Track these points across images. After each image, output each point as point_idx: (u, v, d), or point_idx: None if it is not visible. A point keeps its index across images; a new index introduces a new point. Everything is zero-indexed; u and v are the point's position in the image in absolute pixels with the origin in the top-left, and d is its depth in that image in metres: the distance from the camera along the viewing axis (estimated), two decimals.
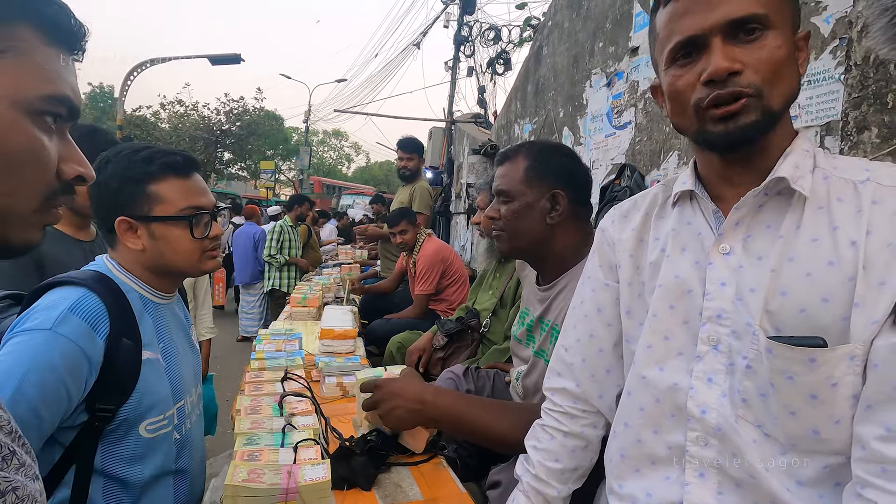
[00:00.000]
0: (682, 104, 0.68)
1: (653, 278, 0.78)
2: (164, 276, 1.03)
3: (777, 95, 0.64)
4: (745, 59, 0.63)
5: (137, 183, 0.97)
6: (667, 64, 0.69)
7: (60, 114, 0.48)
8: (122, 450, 0.91)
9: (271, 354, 1.68)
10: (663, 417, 0.74)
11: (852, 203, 0.63)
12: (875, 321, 0.58)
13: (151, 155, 0.98)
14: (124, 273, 0.99)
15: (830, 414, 0.61)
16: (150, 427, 0.93)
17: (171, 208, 0.98)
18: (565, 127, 3.45)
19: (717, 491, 0.68)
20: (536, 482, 0.89)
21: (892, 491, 0.56)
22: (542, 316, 1.22)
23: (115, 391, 0.88)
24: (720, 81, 0.63)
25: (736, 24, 0.62)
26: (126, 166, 0.97)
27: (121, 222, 0.97)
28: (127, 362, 0.89)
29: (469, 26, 9.31)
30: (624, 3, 2.83)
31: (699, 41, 0.65)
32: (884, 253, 0.59)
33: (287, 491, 0.86)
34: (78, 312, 0.85)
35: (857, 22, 1.41)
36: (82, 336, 0.84)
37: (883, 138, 1.35)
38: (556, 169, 1.20)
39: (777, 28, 0.63)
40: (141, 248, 0.98)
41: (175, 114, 18.27)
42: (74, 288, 0.89)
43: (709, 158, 0.73)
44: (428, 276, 3.04)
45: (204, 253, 1.03)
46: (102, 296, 0.89)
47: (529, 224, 1.18)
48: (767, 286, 0.65)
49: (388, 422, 1.11)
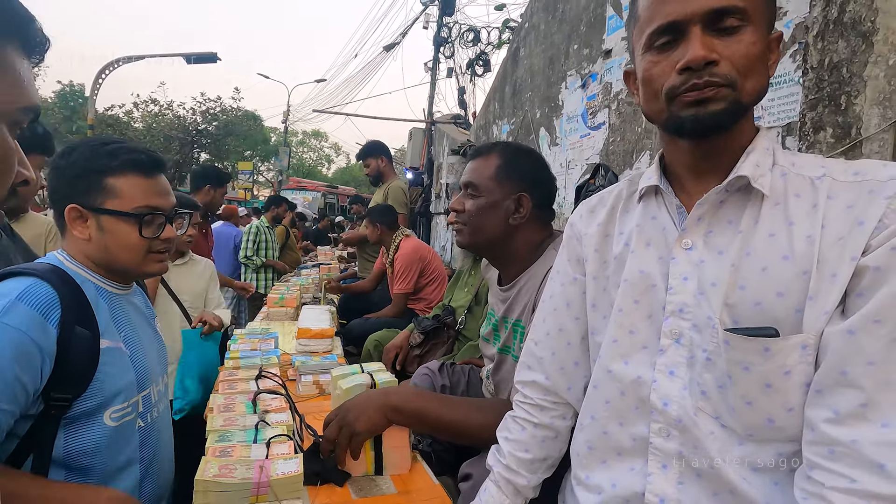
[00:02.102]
0: (655, 90, 0.70)
1: (617, 272, 0.80)
2: (109, 271, 1.02)
3: (748, 89, 0.66)
4: (722, 50, 0.64)
5: (96, 174, 0.97)
6: (644, 48, 0.70)
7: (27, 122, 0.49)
8: (85, 439, 0.89)
9: (246, 353, 1.67)
10: (628, 410, 0.76)
11: (809, 199, 0.65)
12: (826, 311, 0.61)
13: (117, 150, 0.98)
14: (75, 264, 0.98)
15: (784, 402, 0.64)
16: (114, 415, 0.92)
17: (124, 204, 0.98)
18: (542, 127, 3.50)
19: (677, 481, 0.70)
20: (507, 472, 0.91)
21: (838, 472, 0.58)
22: (505, 315, 1.24)
23: (71, 381, 0.86)
24: (696, 70, 0.64)
25: (717, 13, 0.64)
26: (89, 156, 0.97)
27: (71, 209, 0.96)
28: (83, 351, 0.88)
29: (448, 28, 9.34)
30: (597, 6, 2.89)
31: (679, 27, 0.66)
32: (836, 246, 0.61)
33: (259, 485, 0.86)
34: (26, 301, 0.83)
35: (812, 27, 1.48)
36: (32, 325, 0.82)
37: (837, 138, 1.41)
38: (525, 172, 1.23)
39: (754, 24, 0.65)
40: (87, 237, 0.98)
41: (149, 113, 17.87)
42: (23, 278, 0.87)
43: (677, 148, 0.74)
44: (406, 275, 3.05)
45: (150, 254, 1.02)
46: (54, 284, 0.87)
47: (493, 222, 1.20)
48: (727, 280, 0.67)
49: (360, 426, 1.08)
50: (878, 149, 1.31)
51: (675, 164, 0.77)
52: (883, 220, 0.59)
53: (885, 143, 1.30)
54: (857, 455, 0.57)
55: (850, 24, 1.36)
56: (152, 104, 17.77)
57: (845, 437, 0.58)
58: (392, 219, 3.32)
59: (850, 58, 1.36)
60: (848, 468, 0.57)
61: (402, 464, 1.14)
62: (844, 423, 0.58)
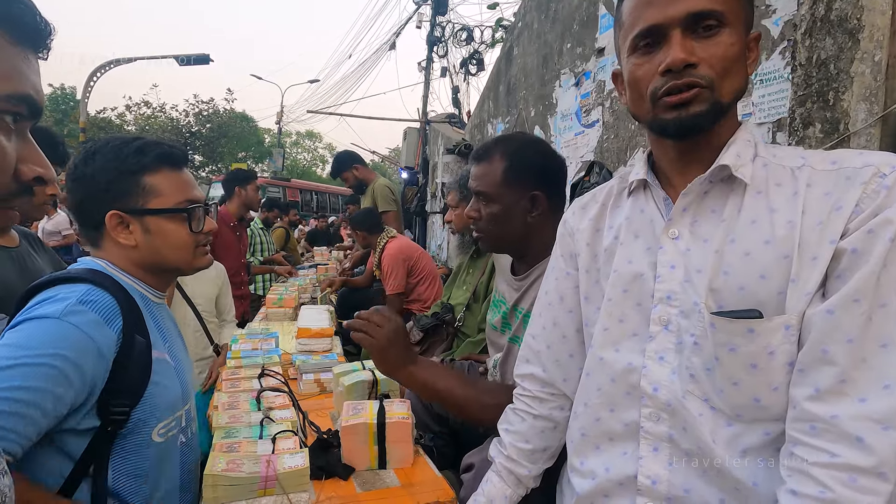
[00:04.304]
0: (640, 92, 0.73)
1: (607, 264, 0.83)
2: (157, 274, 0.98)
3: (727, 89, 0.69)
4: (700, 53, 0.67)
5: (132, 175, 0.92)
6: (629, 52, 0.74)
7: (21, 112, 0.46)
8: (133, 461, 0.86)
9: (247, 353, 1.69)
10: (619, 396, 0.79)
11: (789, 187, 0.69)
12: (808, 293, 0.64)
13: (143, 146, 0.94)
14: (119, 271, 0.93)
15: (769, 381, 0.67)
16: (161, 430, 0.89)
17: (167, 201, 0.94)
18: (536, 126, 3.53)
19: (668, 462, 0.73)
20: (509, 462, 0.94)
21: (818, 447, 0.61)
22: (516, 304, 1.25)
23: (129, 391, 0.83)
24: (677, 72, 0.68)
25: (695, 16, 0.68)
26: (117, 157, 0.91)
27: (112, 216, 0.91)
28: (141, 361, 0.85)
29: (441, 27, 9.35)
30: (590, 4, 2.92)
31: (660, 31, 0.69)
32: (816, 230, 0.65)
33: (266, 479, 0.88)
34: (88, 304, 0.80)
35: (800, 24, 1.51)
36: (93, 327, 0.79)
37: (825, 133, 1.44)
38: (534, 169, 1.21)
39: (732, 26, 0.68)
40: (133, 243, 0.93)
41: (141, 115, 17.82)
42: (77, 284, 0.84)
43: (663, 145, 0.78)
44: (394, 276, 3.08)
45: (197, 248, 0.99)
46: (110, 291, 0.84)
47: (511, 225, 1.20)
48: (712, 266, 0.70)
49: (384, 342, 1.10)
50: (865, 143, 1.34)
51: (661, 160, 0.80)
52: (859, 205, 0.62)
53: (871, 138, 1.33)
54: (836, 430, 0.60)
55: (837, 22, 1.39)
56: (145, 106, 17.73)
57: (825, 412, 0.61)
58: (372, 221, 3.36)
59: (838, 54, 1.39)
60: (828, 443, 0.60)
61: (405, 458, 1.16)
62: (824, 400, 0.61)
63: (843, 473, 0.59)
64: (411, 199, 6.91)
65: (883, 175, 0.62)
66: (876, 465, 0.57)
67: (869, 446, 0.58)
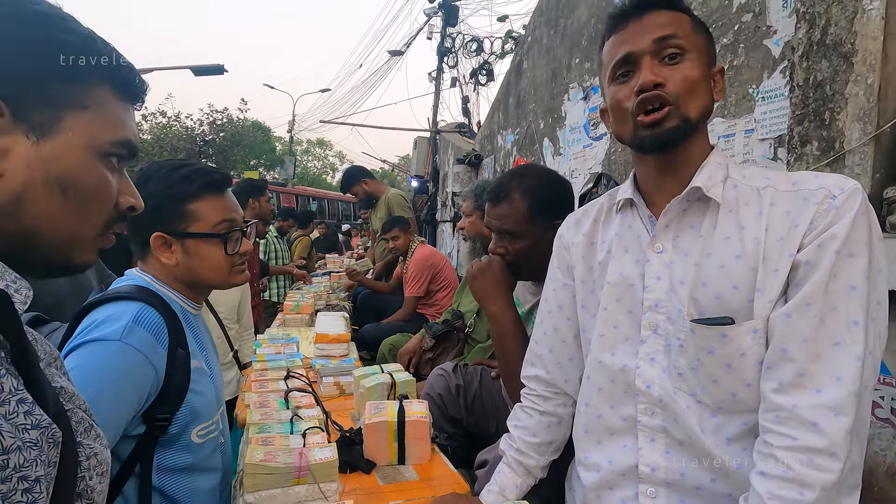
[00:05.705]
0: (622, 113, 0.83)
1: (601, 276, 0.92)
2: (195, 289, 1.07)
3: (692, 106, 0.79)
4: (667, 75, 0.78)
5: (178, 202, 1.01)
6: (609, 82, 0.85)
7: (122, 154, 0.57)
8: (175, 460, 0.93)
9: (272, 356, 1.78)
10: (617, 394, 0.88)
11: (755, 206, 0.78)
12: (770, 300, 0.73)
13: (191, 174, 1.02)
14: (161, 284, 1.02)
15: (743, 378, 0.75)
16: (201, 432, 0.96)
17: (206, 225, 1.02)
18: (545, 138, 3.62)
19: (664, 451, 0.82)
20: (518, 454, 1.03)
21: (782, 433, 0.69)
22: (532, 309, 1.35)
23: (172, 399, 0.91)
24: (648, 90, 0.79)
25: (660, 40, 0.79)
26: (167, 184, 1.01)
27: (156, 237, 1.00)
28: (182, 371, 0.93)
29: (452, 38, 9.50)
30: (598, 21, 3.01)
31: (633, 59, 0.81)
32: (777, 245, 0.74)
33: (300, 469, 0.97)
34: (142, 324, 0.88)
35: (798, 47, 1.59)
36: (148, 347, 0.87)
37: (822, 150, 1.52)
38: (555, 202, 1.31)
39: (693, 53, 0.79)
40: (174, 262, 1.01)
41: (157, 125, 18.17)
42: (129, 302, 0.92)
43: (645, 163, 0.87)
44: (417, 280, 3.19)
45: (233, 268, 1.07)
46: (158, 308, 0.92)
47: (538, 255, 1.28)
48: (692, 278, 0.79)
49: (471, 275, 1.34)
50: (859, 161, 1.42)
51: (644, 180, 0.89)
52: (813, 222, 0.71)
53: (865, 156, 1.40)
54: (796, 417, 0.68)
55: (832, 46, 1.47)
56: (160, 116, 18.07)
57: (787, 403, 0.69)
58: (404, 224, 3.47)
59: (833, 76, 1.47)
60: (790, 429, 0.68)
61: (423, 454, 1.25)
62: (786, 392, 0.70)
63: (803, 455, 0.67)
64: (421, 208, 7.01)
65: (833, 196, 0.71)
66: (828, 445, 0.66)
67: (822, 430, 0.66)
